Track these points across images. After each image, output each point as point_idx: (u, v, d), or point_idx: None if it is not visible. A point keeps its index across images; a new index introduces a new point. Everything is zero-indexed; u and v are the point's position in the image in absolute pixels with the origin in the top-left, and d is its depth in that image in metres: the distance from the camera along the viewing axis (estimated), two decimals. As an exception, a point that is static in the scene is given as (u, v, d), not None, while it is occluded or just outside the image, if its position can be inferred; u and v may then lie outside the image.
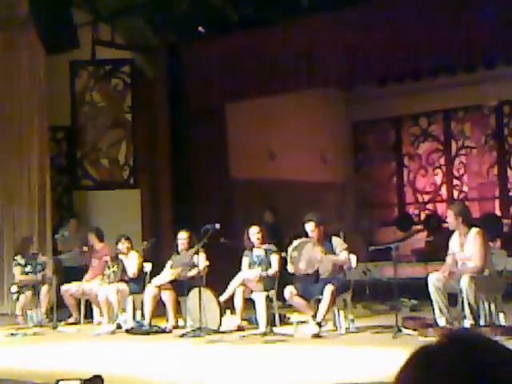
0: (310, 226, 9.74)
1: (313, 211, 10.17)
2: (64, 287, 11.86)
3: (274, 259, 10.32)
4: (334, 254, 9.64)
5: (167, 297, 10.75)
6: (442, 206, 16.94)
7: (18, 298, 12.20)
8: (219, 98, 14.08)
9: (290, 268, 9.65)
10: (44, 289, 11.96)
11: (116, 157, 14.86)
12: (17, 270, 12.52)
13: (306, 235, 9.76)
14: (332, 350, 8.50)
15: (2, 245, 13.98)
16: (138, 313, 11.24)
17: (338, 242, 9.74)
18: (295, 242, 9.68)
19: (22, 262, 12.44)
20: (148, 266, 11.55)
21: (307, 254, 9.61)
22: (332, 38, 12.35)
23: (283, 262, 10.10)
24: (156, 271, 11.31)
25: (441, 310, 8.79)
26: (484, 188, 17.19)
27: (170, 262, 11.16)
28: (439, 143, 18.00)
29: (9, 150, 14.11)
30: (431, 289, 8.84)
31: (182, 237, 11.11)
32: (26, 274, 12.34)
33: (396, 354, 6.97)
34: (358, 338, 9.09)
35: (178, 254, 11.17)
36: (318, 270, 9.62)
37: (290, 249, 9.65)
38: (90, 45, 13.82)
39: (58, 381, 4.56)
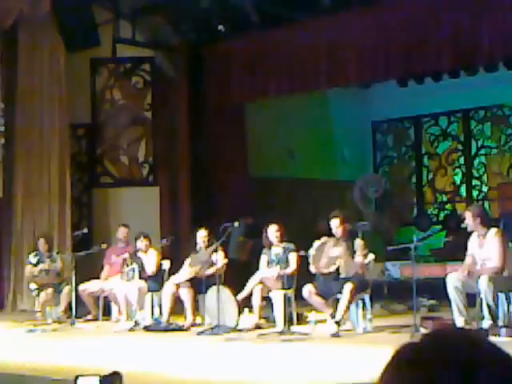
0: (335, 223, 9.71)
1: (337, 208, 10.17)
2: (82, 286, 11.84)
3: (293, 258, 10.30)
4: (354, 255, 9.63)
5: (185, 294, 10.78)
6: (462, 206, 16.87)
7: (38, 295, 12.25)
8: (239, 97, 14.09)
9: (312, 268, 9.64)
10: (66, 289, 11.98)
11: (135, 154, 14.91)
12: (26, 268, 12.58)
13: (330, 232, 9.74)
14: (349, 349, 8.49)
15: (21, 242, 14.05)
16: (156, 310, 11.27)
17: (359, 245, 9.68)
18: (316, 244, 9.67)
19: (34, 260, 12.47)
20: (166, 264, 11.57)
21: (329, 253, 9.59)
22: (352, 36, 12.34)
23: (301, 261, 10.10)
24: (174, 269, 11.34)
25: (459, 310, 8.76)
26: (504, 188, 17.11)
27: (188, 260, 11.18)
28: (459, 143, 17.94)
29: (29, 146, 14.19)
30: (450, 289, 8.82)
31: (201, 235, 11.12)
32: (40, 272, 12.36)
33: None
34: (375, 338, 9.07)
35: (197, 251, 11.18)
36: (338, 269, 9.60)
37: (311, 250, 9.63)
38: (110, 43, 13.89)
39: (77, 377, 4.58)
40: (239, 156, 14.58)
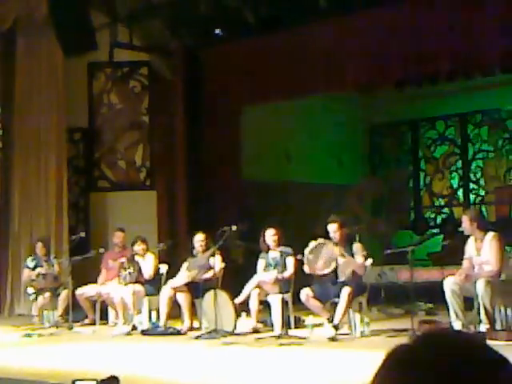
0: (332, 227, 9.71)
1: (334, 213, 10.18)
2: (79, 290, 11.85)
3: (290, 261, 10.31)
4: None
5: (183, 298, 10.78)
6: (459, 210, 16.87)
7: (35, 299, 12.24)
8: (236, 101, 14.08)
9: (306, 268, 9.65)
10: (63, 293, 11.97)
11: (133, 158, 14.90)
12: (24, 273, 12.58)
13: (327, 236, 9.74)
14: (347, 353, 8.49)
15: (19, 246, 14.05)
16: (154, 314, 11.26)
17: (358, 249, 9.68)
18: (312, 244, 9.67)
19: (31, 264, 12.46)
20: (164, 268, 11.57)
21: (325, 254, 9.59)
22: (350, 40, 12.34)
23: (299, 265, 10.11)
24: (172, 273, 11.33)
25: (456, 314, 8.78)
26: (500, 192, 17.12)
27: (185, 264, 11.18)
28: (456, 147, 17.95)
29: (26, 150, 14.19)
30: (447, 293, 8.83)
31: (199, 239, 11.12)
32: (37, 276, 12.34)
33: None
34: (373, 342, 9.07)
35: (194, 255, 11.18)
36: (336, 272, 9.60)
37: (306, 250, 9.64)
38: (107, 47, 13.88)
39: (75, 381, 4.58)
40: (236, 160, 14.56)
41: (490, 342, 8.21)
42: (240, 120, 14.54)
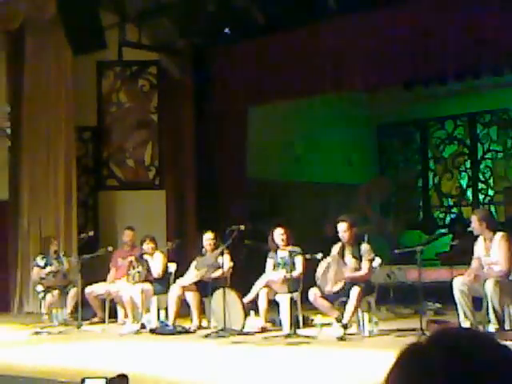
0: (342, 227, 9.68)
1: (344, 213, 10.16)
2: (88, 289, 11.87)
3: (299, 261, 10.31)
4: (360, 259, 9.62)
5: (191, 297, 10.78)
6: (468, 210, 16.86)
7: (44, 297, 12.26)
8: (244, 100, 14.09)
9: (318, 292, 9.65)
10: (72, 291, 12.00)
11: (142, 157, 14.92)
12: (34, 271, 12.60)
13: (336, 235, 9.73)
14: (355, 352, 8.49)
15: (27, 244, 14.07)
16: (162, 313, 11.28)
17: (365, 250, 9.66)
18: (324, 264, 9.64)
19: (42, 262, 12.48)
20: (172, 267, 11.59)
21: (333, 274, 9.58)
22: (358, 40, 12.33)
23: (307, 264, 10.11)
24: (180, 272, 11.35)
25: (465, 314, 8.76)
26: (510, 192, 17.10)
27: (194, 263, 11.19)
28: (465, 147, 17.94)
29: (35, 149, 14.21)
30: (456, 292, 8.82)
31: (208, 237, 11.13)
32: (48, 274, 12.36)
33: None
34: (381, 341, 9.06)
35: (203, 254, 11.19)
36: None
37: (319, 270, 9.61)
38: (116, 46, 13.89)
39: (84, 379, 4.58)
40: (244, 159, 14.56)
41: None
42: (248, 119, 14.54)
